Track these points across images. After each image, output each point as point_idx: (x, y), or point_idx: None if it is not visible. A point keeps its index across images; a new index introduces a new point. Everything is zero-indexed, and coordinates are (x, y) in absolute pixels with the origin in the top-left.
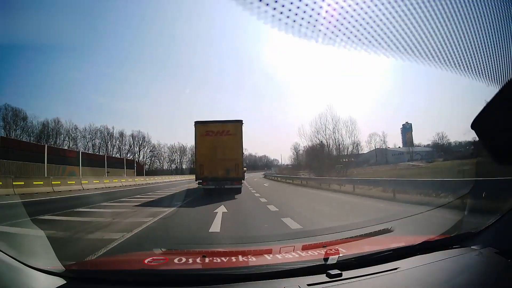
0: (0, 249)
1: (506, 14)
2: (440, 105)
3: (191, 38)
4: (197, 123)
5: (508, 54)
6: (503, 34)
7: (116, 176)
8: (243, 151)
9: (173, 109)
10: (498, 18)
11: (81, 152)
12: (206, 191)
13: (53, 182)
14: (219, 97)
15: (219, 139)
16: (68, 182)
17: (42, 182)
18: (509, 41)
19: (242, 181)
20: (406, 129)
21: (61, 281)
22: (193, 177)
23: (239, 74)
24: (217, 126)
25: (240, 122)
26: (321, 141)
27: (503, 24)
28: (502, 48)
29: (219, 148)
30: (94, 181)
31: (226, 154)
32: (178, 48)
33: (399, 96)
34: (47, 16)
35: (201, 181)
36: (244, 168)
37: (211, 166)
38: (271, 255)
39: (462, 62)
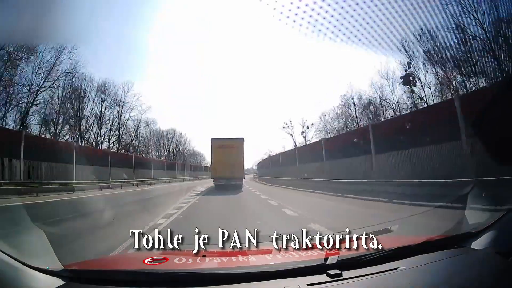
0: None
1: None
2: None
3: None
4: (213, 139)
5: (508, 54)
6: (503, 34)
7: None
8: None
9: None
10: (498, 19)
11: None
12: (218, 186)
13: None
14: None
15: (227, 150)
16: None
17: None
18: (509, 41)
19: (243, 179)
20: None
21: (61, 281)
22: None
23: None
24: (226, 141)
25: (242, 139)
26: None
27: (503, 25)
28: (502, 48)
29: (227, 156)
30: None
31: (231, 160)
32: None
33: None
34: None
35: (214, 179)
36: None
37: (222, 168)
38: (271, 255)
39: (462, 62)
